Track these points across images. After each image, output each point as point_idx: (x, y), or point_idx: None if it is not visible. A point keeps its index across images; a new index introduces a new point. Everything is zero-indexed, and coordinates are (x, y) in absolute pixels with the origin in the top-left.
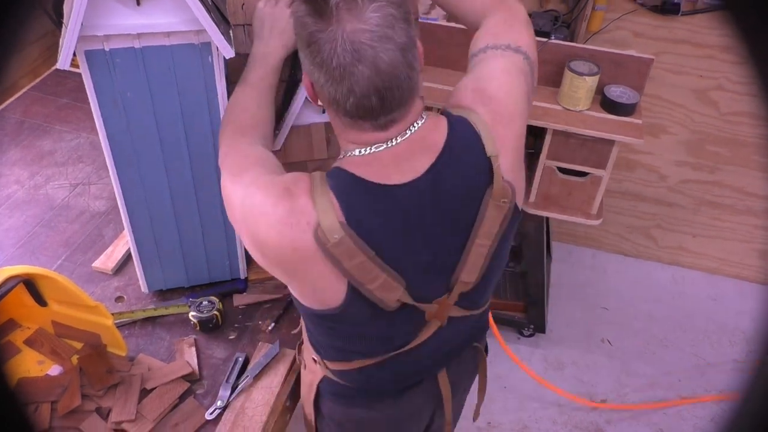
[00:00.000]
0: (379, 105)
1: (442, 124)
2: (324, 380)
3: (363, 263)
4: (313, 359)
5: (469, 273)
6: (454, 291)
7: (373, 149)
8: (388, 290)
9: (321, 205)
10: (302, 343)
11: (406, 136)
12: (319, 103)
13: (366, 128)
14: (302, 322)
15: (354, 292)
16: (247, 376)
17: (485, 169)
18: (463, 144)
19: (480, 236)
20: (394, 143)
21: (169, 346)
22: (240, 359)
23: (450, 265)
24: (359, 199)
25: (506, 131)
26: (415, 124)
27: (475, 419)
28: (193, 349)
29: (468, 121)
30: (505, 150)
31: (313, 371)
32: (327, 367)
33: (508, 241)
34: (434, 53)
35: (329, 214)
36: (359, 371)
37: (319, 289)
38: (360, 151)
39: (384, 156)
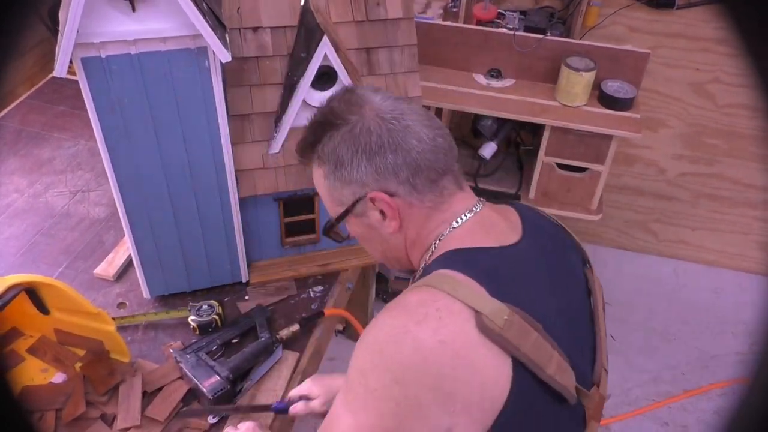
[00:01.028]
0: (446, 144)
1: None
2: None
3: (537, 341)
4: None
5: (604, 356)
6: (602, 382)
7: (466, 215)
8: (564, 371)
9: (464, 294)
10: None
11: (483, 203)
12: (393, 227)
13: (449, 187)
14: None
15: (521, 374)
16: (250, 380)
17: (564, 237)
18: (542, 222)
19: (599, 314)
20: (477, 208)
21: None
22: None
23: (586, 345)
24: (495, 269)
25: None
26: (479, 202)
27: None
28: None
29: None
30: None
31: None
32: None
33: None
34: (430, 52)
35: (480, 297)
36: None
37: (479, 387)
38: (457, 222)
39: (478, 220)
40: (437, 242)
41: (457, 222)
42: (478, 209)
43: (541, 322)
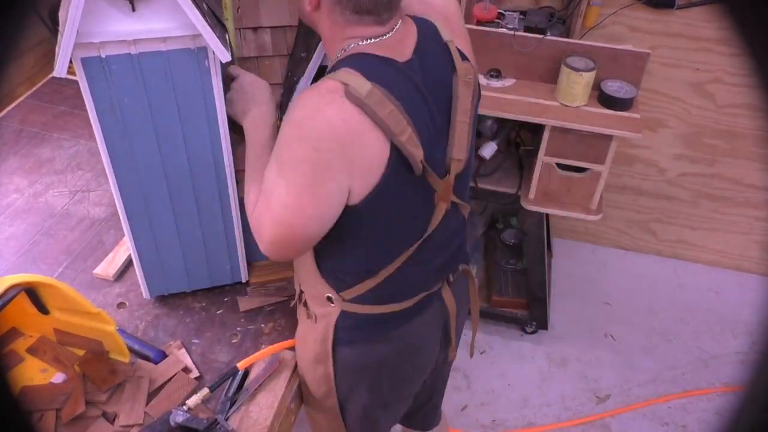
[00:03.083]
0: (387, 1)
1: (411, 21)
2: (340, 318)
3: (393, 112)
4: (327, 298)
5: (459, 149)
6: (451, 171)
7: (372, 40)
8: (414, 145)
9: (341, 76)
10: (304, 302)
11: (396, 29)
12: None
13: (368, 23)
14: (299, 283)
15: (395, 151)
16: (246, 390)
17: (447, 54)
18: (429, 35)
19: (460, 113)
20: (387, 36)
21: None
22: (239, 373)
23: (443, 143)
24: (374, 67)
25: (453, 26)
26: (399, 21)
27: (471, 355)
28: (183, 350)
29: (426, 19)
30: (457, 38)
31: (326, 314)
32: (343, 300)
33: (475, 122)
34: None
35: (352, 78)
36: (377, 288)
37: (369, 155)
38: (361, 42)
39: (381, 44)
40: (342, 51)
41: (361, 42)
42: (385, 38)
43: (406, 111)
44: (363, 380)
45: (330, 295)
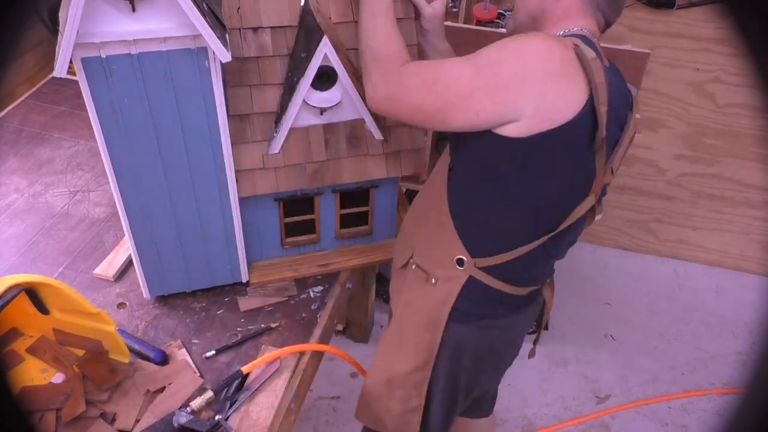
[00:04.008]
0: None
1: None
2: (467, 285)
3: (603, 85)
4: (458, 260)
5: (615, 163)
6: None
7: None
8: (604, 123)
9: (573, 39)
10: (415, 267)
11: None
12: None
13: (596, 18)
14: (412, 247)
15: (589, 106)
16: (246, 391)
17: (629, 95)
18: (617, 73)
19: (626, 138)
20: (596, 40)
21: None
22: (239, 374)
23: (610, 151)
24: (597, 51)
25: None
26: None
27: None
28: (183, 350)
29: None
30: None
31: (451, 278)
32: (475, 266)
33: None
34: None
35: (582, 45)
36: (508, 264)
37: (563, 97)
38: (579, 30)
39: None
40: (565, 33)
41: (583, 31)
42: (594, 40)
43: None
44: (465, 361)
45: (463, 257)
